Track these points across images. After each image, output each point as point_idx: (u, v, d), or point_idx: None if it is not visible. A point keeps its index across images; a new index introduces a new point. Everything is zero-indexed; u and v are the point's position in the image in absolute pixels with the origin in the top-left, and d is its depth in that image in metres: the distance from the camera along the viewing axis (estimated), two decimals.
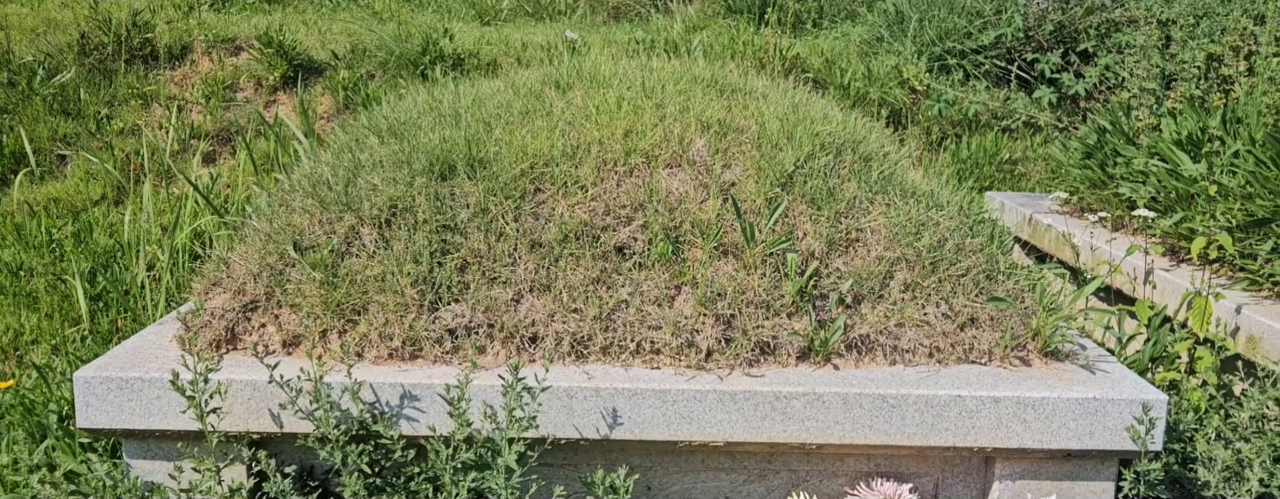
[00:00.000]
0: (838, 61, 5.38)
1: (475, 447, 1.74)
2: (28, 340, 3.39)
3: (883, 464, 1.95)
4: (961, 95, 4.96)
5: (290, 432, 1.82)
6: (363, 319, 1.94)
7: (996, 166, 4.88)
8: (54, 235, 4.09)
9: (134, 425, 1.82)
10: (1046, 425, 1.84)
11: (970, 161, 4.79)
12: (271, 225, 2.12)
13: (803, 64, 5.39)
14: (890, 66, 5.24)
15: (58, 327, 3.48)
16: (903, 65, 5.25)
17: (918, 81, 5.15)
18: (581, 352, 1.93)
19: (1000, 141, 4.89)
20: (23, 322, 3.48)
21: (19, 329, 3.44)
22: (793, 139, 2.26)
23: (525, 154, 2.17)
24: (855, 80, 5.11)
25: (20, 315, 3.52)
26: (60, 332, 3.45)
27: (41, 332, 3.44)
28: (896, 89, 5.09)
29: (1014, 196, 4.06)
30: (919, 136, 5.07)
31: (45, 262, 3.91)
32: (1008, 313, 2.03)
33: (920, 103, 5.16)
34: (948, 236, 2.11)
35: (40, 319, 3.51)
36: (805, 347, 1.96)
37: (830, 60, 5.40)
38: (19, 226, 4.19)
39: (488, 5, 7.11)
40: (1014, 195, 4.10)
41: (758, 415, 1.83)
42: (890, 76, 5.16)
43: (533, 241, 2.05)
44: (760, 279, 2.00)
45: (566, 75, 2.63)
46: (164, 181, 4.46)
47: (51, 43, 5.31)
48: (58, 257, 3.95)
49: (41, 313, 3.55)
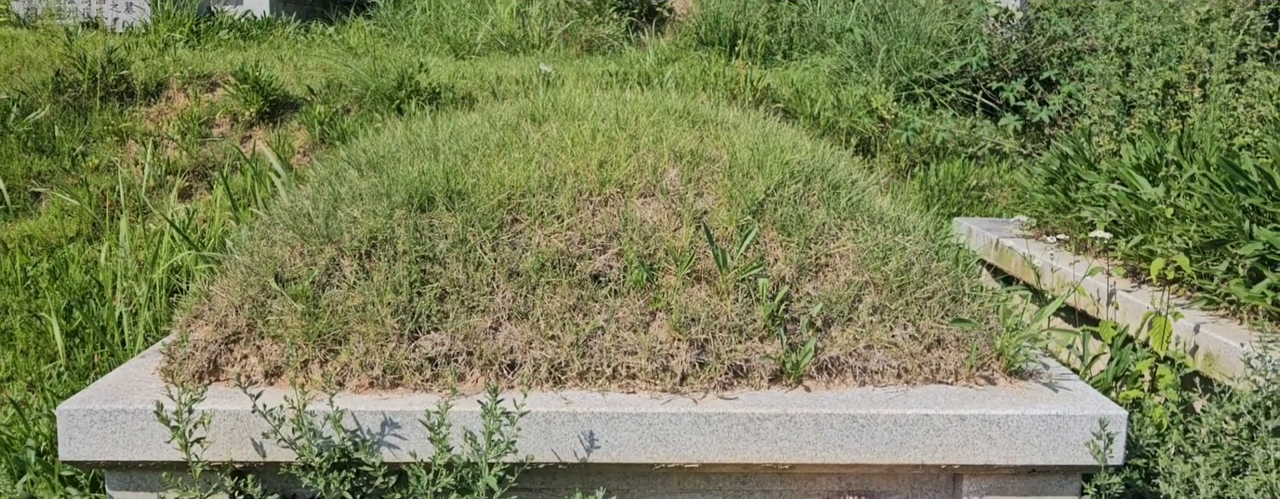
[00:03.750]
0: (807, 92, 5.47)
1: (456, 471, 1.78)
2: (3, 378, 3.39)
3: (854, 483, 1.99)
4: (928, 123, 5.06)
5: (273, 460, 1.85)
6: (344, 349, 1.98)
7: (964, 193, 4.97)
8: (29, 272, 4.09)
9: (118, 457, 1.85)
10: (1011, 442, 1.90)
11: (938, 188, 4.88)
12: (252, 258, 2.15)
13: (773, 94, 5.48)
14: (858, 96, 5.34)
15: (34, 364, 3.48)
16: (871, 95, 5.35)
17: (886, 110, 5.25)
18: (559, 378, 1.98)
19: (967, 168, 4.98)
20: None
21: None
22: (763, 168, 2.32)
23: (502, 185, 2.22)
24: (824, 110, 5.21)
25: None
26: (36, 368, 3.45)
27: (17, 368, 3.44)
28: (865, 118, 5.18)
29: (981, 222, 4.14)
30: (888, 164, 5.16)
31: (20, 298, 3.91)
32: (973, 334, 2.09)
33: (889, 131, 5.26)
34: (914, 260, 2.18)
35: (15, 356, 3.51)
36: (777, 369, 2.01)
37: (800, 91, 5.50)
38: None
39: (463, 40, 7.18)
40: (981, 220, 4.18)
41: (731, 437, 1.88)
42: (859, 106, 5.26)
43: (510, 270, 2.09)
44: (733, 304, 2.05)
45: (541, 108, 2.69)
46: (140, 217, 4.47)
47: (26, 80, 5.32)
48: (33, 293, 3.96)
49: (16, 350, 3.55)
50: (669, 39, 7.09)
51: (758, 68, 6.16)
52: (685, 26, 7.12)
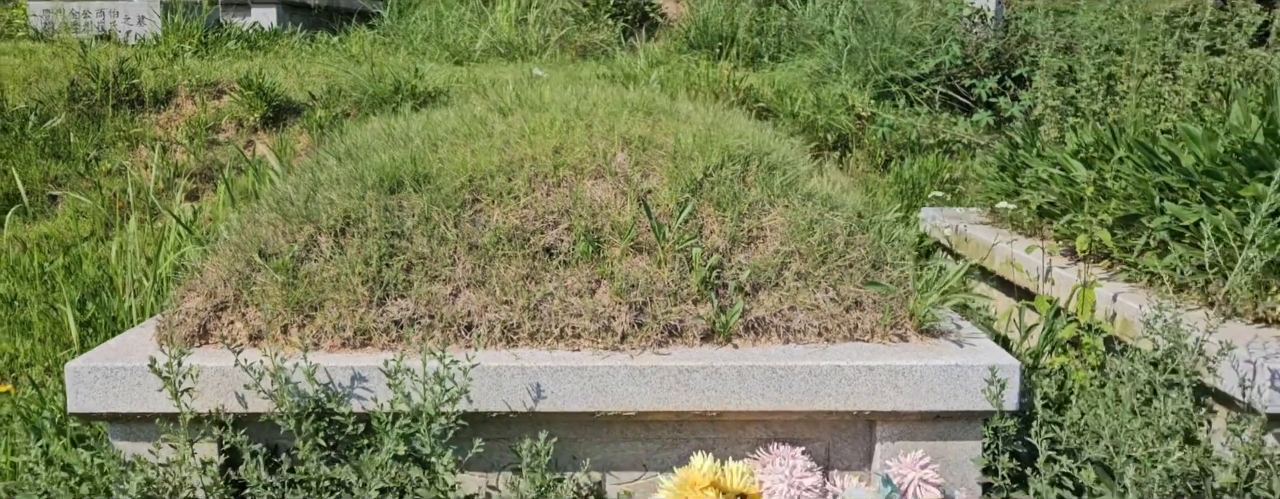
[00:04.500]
0: (789, 92, 5.69)
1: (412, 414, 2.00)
2: (23, 362, 3.63)
3: (779, 430, 2.21)
4: (902, 120, 5.27)
5: (254, 412, 2.08)
6: (319, 314, 2.21)
7: (938, 185, 5.17)
8: (46, 268, 4.35)
9: (118, 409, 2.09)
10: (916, 390, 2.11)
11: (912, 181, 5.09)
12: (240, 237, 2.39)
13: (756, 94, 5.70)
14: (837, 95, 5.55)
15: (50, 350, 3.74)
16: (848, 93, 5.56)
17: (862, 108, 5.46)
18: (511, 338, 2.20)
19: (941, 162, 5.19)
20: (17, 346, 3.73)
21: (14, 353, 3.69)
22: (704, 151, 2.54)
23: (465, 169, 2.45)
24: (804, 108, 5.42)
25: (15, 341, 3.77)
26: (52, 354, 3.70)
27: (35, 355, 3.69)
28: (842, 115, 5.40)
29: (944, 211, 4.35)
30: (865, 159, 5.37)
31: (38, 292, 4.16)
32: (890, 297, 2.30)
33: (866, 128, 5.47)
34: (838, 232, 2.39)
35: (34, 344, 3.76)
36: (708, 329, 2.23)
37: (781, 91, 5.72)
38: (13, 262, 4.45)
39: (462, 47, 7.44)
40: (944, 210, 4.38)
41: (664, 387, 2.10)
42: (837, 104, 5.47)
43: (470, 244, 2.32)
44: (670, 272, 2.28)
45: (509, 102, 2.92)
46: (149, 217, 4.73)
47: (43, 90, 5.60)
48: (50, 288, 4.21)
49: (35, 339, 3.80)
50: (661, 44, 7.33)
51: (744, 70, 6.38)
52: (676, 31, 7.36)
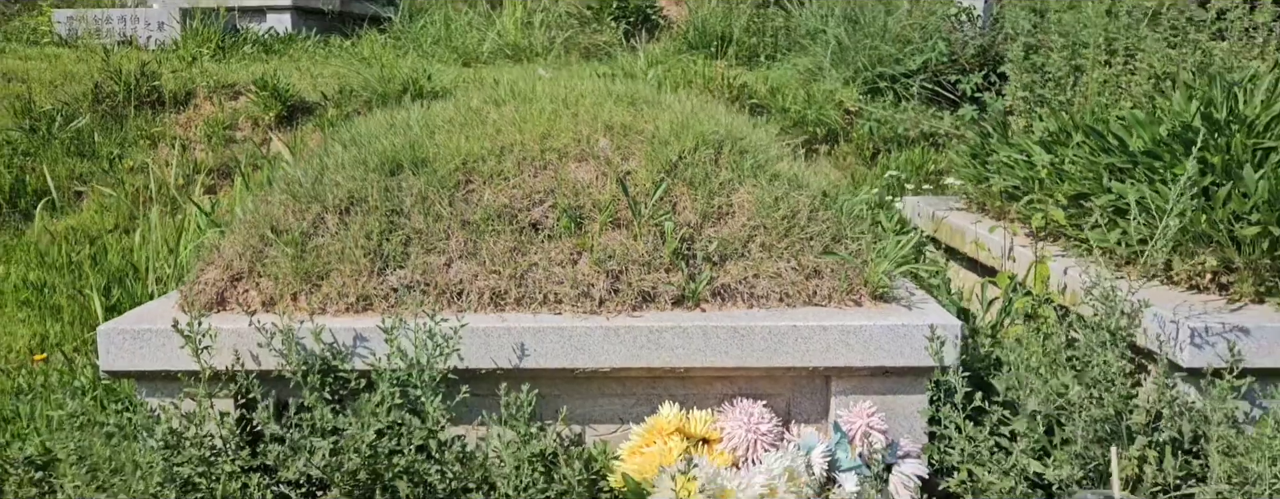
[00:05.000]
0: (781, 89, 5.90)
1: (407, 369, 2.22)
2: (55, 342, 3.88)
3: (744, 387, 2.42)
4: (890, 115, 5.47)
5: (266, 369, 2.31)
6: (325, 283, 2.44)
7: (924, 177, 5.37)
8: (73, 258, 4.60)
9: (144, 367, 2.32)
10: (866, 348, 2.32)
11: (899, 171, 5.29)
12: (254, 216, 2.62)
13: (749, 92, 5.92)
14: (827, 91, 5.76)
15: (78, 331, 3.98)
16: (838, 90, 5.77)
17: (851, 104, 5.67)
18: (499, 303, 2.42)
19: (927, 155, 5.39)
20: (48, 328, 3.98)
21: (45, 334, 3.93)
22: (680, 136, 2.76)
23: (459, 154, 2.68)
24: (794, 104, 5.64)
25: (46, 323, 4.02)
26: (80, 336, 3.94)
27: (65, 336, 3.94)
28: (831, 111, 5.61)
29: (925, 199, 4.55)
30: (854, 152, 5.58)
31: (66, 280, 4.41)
32: (847, 266, 2.52)
33: (855, 123, 5.67)
34: (801, 209, 2.61)
35: (63, 326, 4.01)
36: (679, 295, 2.44)
37: (774, 88, 5.93)
38: (42, 252, 4.71)
39: (470, 49, 7.68)
40: (925, 198, 4.59)
41: (636, 346, 2.32)
42: (827, 100, 5.68)
43: (463, 221, 2.54)
44: (644, 244, 2.50)
45: (504, 94, 3.15)
46: (170, 210, 4.97)
47: (68, 93, 5.87)
48: (77, 276, 4.46)
49: (64, 321, 4.05)
50: (661, 45, 7.55)
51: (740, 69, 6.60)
52: (677, 32, 7.58)
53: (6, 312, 4.14)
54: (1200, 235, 2.60)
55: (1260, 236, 2.46)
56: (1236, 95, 2.94)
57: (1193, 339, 2.33)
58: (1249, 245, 2.49)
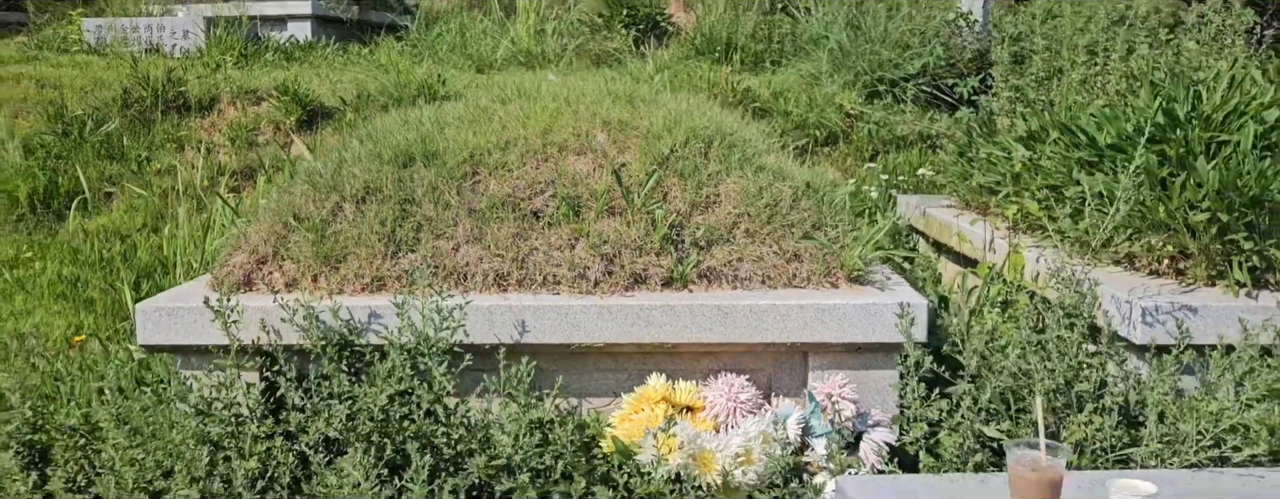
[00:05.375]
0: (784, 93, 6.09)
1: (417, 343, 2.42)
2: (89, 332, 4.11)
3: (728, 362, 2.61)
4: (888, 117, 5.66)
5: (288, 343, 2.51)
6: (343, 265, 2.65)
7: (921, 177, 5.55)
8: (105, 255, 4.83)
9: (178, 341, 2.53)
10: (840, 325, 2.51)
11: (896, 172, 5.47)
12: (278, 205, 2.84)
13: (753, 95, 6.11)
14: (828, 95, 5.95)
15: (110, 322, 4.21)
16: (839, 93, 5.96)
17: (851, 107, 5.85)
18: (502, 284, 2.63)
19: (924, 155, 5.57)
20: (83, 319, 4.21)
21: (80, 324, 4.16)
22: (672, 131, 2.96)
23: (467, 147, 2.89)
24: (795, 107, 5.83)
25: (80, 315, 4.25)
26: (112, 326, 4.17)
27: (98, 326, 4.16)
28: (832, 114, 5.79)
29: (917, 197, 4.74)
30: (853, 153, 5.76)
31: (98, 275, 4.65)
32: (825, 251, 2.71)
33: (855, 125, 5.86)
34: (783, 198, 2.80)
35: (96, 317, 4.24)
36: (668, 277, 2.64)
37: (777, 92, 6.12)
38: (76, 249, 4.95)
39: (484, 56, 7.90)
40: (917, 196, 4.77)
41: (627, 323, 2.51)
42: (828, 103, 5.87)
43: (470, 209, 2.75)
44: (637, 230, 2.69)
45: (510, 93, 3.36)
46: (196, 209, 5.21)
47: (99, 98, 6.12)
48: (109, 271, 4.69)
49: (97, 313, 4.28)
50: (670, 51, 7.75)
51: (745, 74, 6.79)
52: (685, 39, 7.78)
53: (44, 304, 4.37)
54: (1158, 223, 2.78)
55: (1210, 223, 2.63)
56: (1199, 93, 3.12)
57: (1144, 318, 2.51)
58: (1201, 231, 2.66)
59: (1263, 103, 2.85)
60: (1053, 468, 1.71)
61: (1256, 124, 2.81)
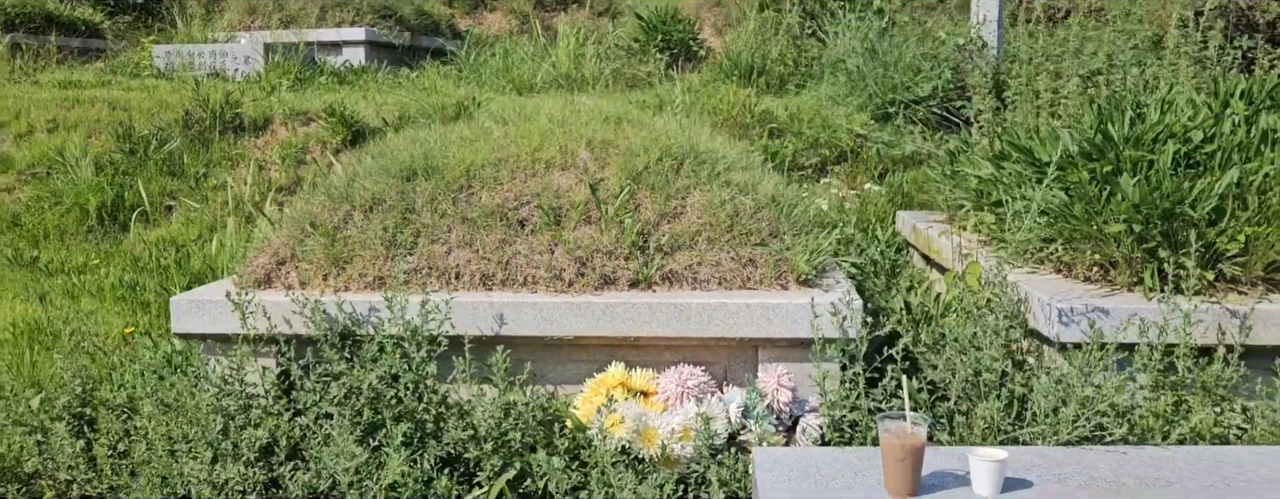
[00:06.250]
0: (800, 114, 6.39)
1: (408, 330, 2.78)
2: (144, 330, 4.54)
3: (687, 355, 2.92)
4: (892, 139, 5.93)
5: (298, 333, 2.88)
6: (350, 266, 3.01)
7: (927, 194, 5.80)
8: (161, 262, 5.29)
9: (204, 330, 2.92)
10: (784, 321, 2.81)
11: (901, 190, 5.73)
12: (298, 213, 3.22)
13: (770, 117, 6.42)
14: (841, 116, 6.24)
15: (162, 322, 4.64)
16: (851, 115, 6.24)
17: (861, 129, 6.13)
18: (488, 283, 2.97)
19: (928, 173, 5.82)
20: (138, 319, 4.65)
21: (135, 324, 4.60)
22: (648, 150, 3.29)
23: (464, 163, 3.25)
24: (809, 128, 6.12)
25: (137, 315, 4.70)
26: (164, 326, 4.60)
27: (151, 325, 4.60)
28: (843, 135, 6.08)
29: (913, 214, 5.00)
30: (863, 172, 6.04)
31: (155, 281, 5.10)
32: (777, 257, 3.01)
33: (865, 145, 6.13)
34: (743, 210, 3.11)
35: (151, 317, 4.67)
36: (635, 279, 2.96)
37: (793, 114, 6.42)
38: (136, 258, 5.42)
39: (525, 80, 8.31)
40: (914, 213, 5.04)
41: (594, 318, 2.84)
42: (839, 125, 6.16)
43: (463, 217, 3.11)
44: (609, 237, 3.02)
45: (511, 114, 3.72)
46: (245, 222, 5.66)
47: (163, 119, 6.63)
48: (164, 277, 5.15)
49: (152, 314, 4.72)
50: (701, 74, 8.09)
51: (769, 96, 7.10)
52: (715, 63, 8.12)
53: (105, 305, 4.83)
54: (1088, 234, 3.04)
55: (1127, 233, 2.89)
56: (1143, 115, 3.37)
57: (1061, 318, 2.77)
58: (1121, 241, 2.92)
59: (1185, 125, 3.10)
60: (914, 435, 1.99)
61: (1180, 143, 3.06)
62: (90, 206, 5.83)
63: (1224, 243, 2.85)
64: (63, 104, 6.95)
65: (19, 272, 5.27)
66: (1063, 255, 3.15)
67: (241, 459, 2.51)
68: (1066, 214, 3.10)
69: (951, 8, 9.14)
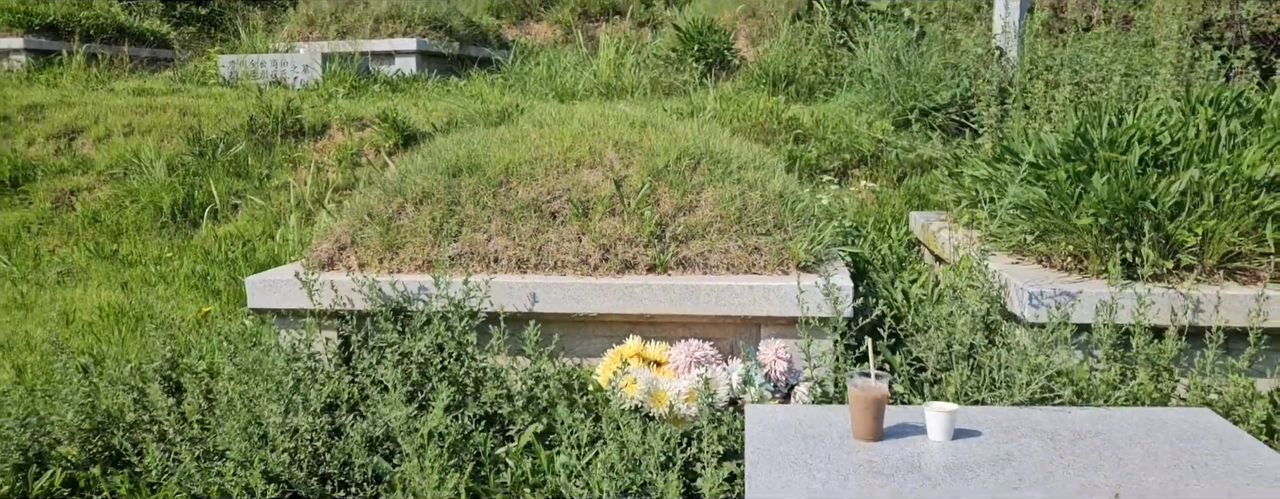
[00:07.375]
0: (825, 121, 6.74)
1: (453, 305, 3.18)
2: (216, 314, 5.00)
3: (698, 331, 3.29)
4: (909, 143, 6.25)
5: (357, 309, 3.29)
6: (402, 251, 3.42)
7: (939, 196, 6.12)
8: (230, 255, 5.76)
9: (276, 306, 3.34)
10: (783, 302, 3.17)
11: (918, 192, 6.06)
12: (356, 206, 3.64)
13: (797, 123, 6.77)
14: (863, 122, 6.58)
15: (232, 308, 5.10)
16: (874, 121, 6.58)
17: (882, 134, 6.46)
18: (523, 267, 3.37)
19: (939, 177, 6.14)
20: (210, 305, 5.11)
21: (208, 309, 5.06)
22: (668, 151, 3.67)
23: (503, 162, 3.65)
24: (831, 133, 6.47)
25: (209, 301, 5.16)
26: (233, 310, 5.06)
27: (221, 311, 5.06)
28: (864, 140, 6.42)
29: (924, 213, 5.33)
30: (883, 175, 6.37)
31: (224, 271, 5.57)
32: (780, 245, 3.37)
33: (886, 150, 6.46)
34: (751, 204, 3.48)
35: (221, 304, 5.13)
36: (652, 264, 3.34)
37: (819, 120, 6.77)
38: (207, 250, 5.89)
39: (567, 88, 8.74)
40: (925, 212, 5.36)
41: (615, 297, 3.22)
42: (861, 131, 6.50)
43: (502, 209, 3.50)
44: (630, 227, 3.41)
45: (549, 119, 4.11)
46: (305, 219, 6.11)
47: (229, 124, 7.13)
48: (233, 268, 5.61)
49: (222, 300, 5.18)
50: (734, 83, 8.46)
51: (798, 104, 7.46)
52: (748, 72, 8.49)
53: (181, 293, 5.30)
54: (1063, 228, 3.37)
55: (1093, 226, 3.21)
56: (1123, 119, 3.69)
57: (1031, 301, 3.11)
58: (1090, 233, 3.24)
59: (1155, 128, 3.42)
60: (877, 389, 2.34)
61: (1149, 146, 3.38)
62: (164, 204, 6.32)
63: (1183, 235, 3.16)
64: (137, 110, 7.48)
65: (102, 263, 5.77)
66: (1041, 247, 3.47)
67: (310, 410, 2.92)
68: (1045, 209, 3.43)
69: (989, 18, 9.43)
